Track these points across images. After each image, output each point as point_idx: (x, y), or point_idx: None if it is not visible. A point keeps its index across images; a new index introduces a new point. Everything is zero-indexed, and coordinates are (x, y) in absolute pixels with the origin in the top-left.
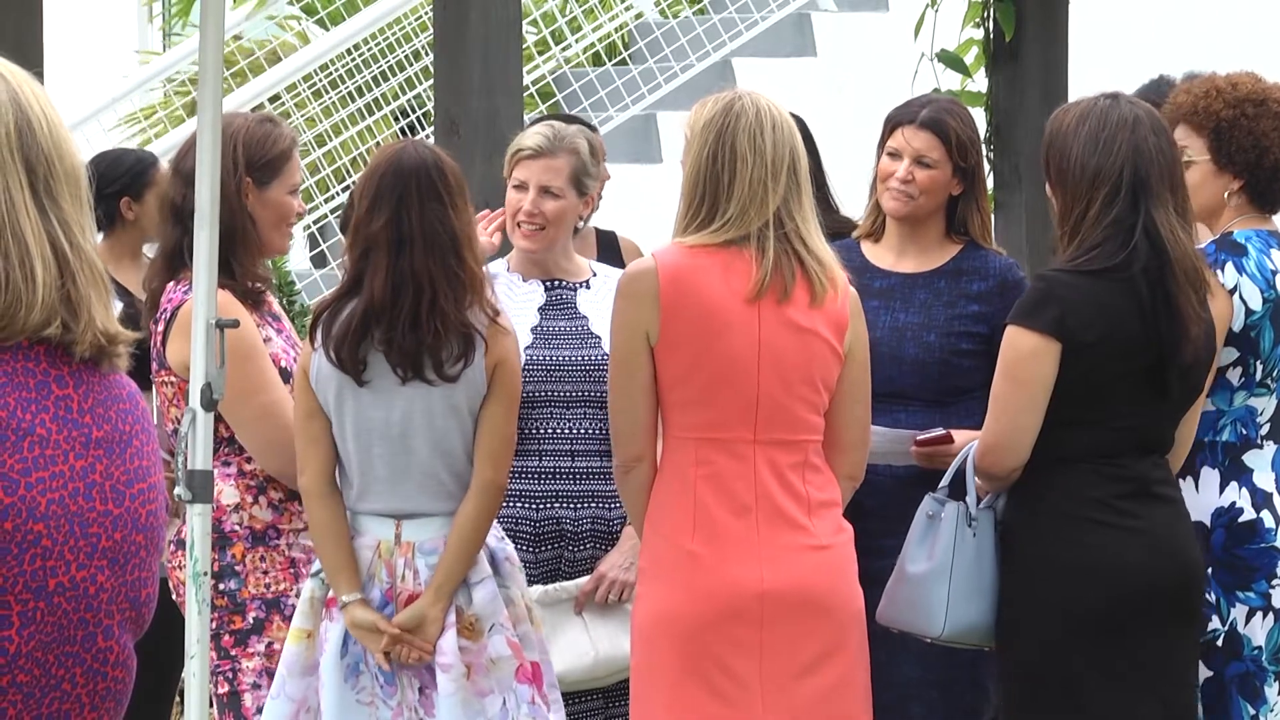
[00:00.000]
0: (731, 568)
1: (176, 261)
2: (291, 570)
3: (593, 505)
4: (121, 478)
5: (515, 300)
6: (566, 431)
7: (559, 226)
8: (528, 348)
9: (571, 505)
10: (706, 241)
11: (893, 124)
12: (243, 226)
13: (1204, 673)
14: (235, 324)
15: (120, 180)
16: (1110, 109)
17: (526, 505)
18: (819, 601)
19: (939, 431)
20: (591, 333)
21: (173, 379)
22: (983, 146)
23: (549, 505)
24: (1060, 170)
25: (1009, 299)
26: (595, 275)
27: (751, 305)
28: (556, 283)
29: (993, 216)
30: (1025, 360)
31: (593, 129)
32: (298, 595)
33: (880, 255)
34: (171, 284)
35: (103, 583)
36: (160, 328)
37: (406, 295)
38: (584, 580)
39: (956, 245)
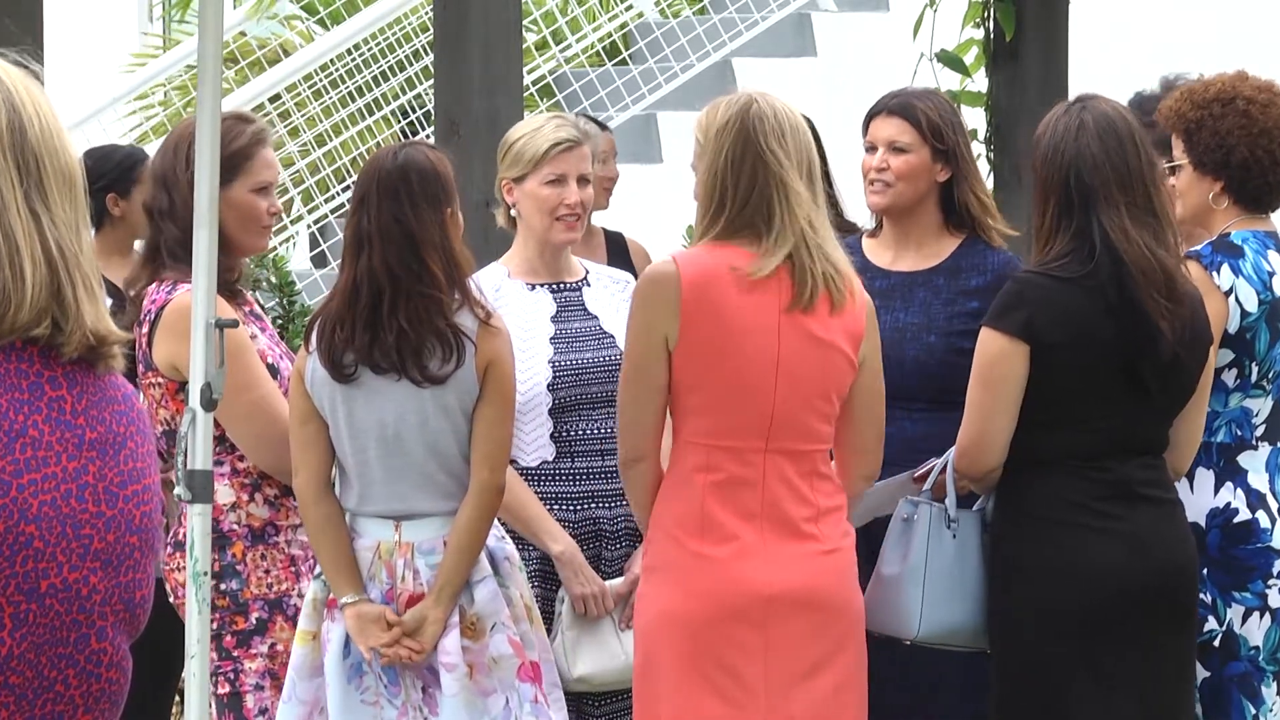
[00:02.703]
0: (737, 570)
1: (156, 261)
2: (293, 568)
3: (626, 503)
4: (115, 479)
5: (526, 310)
6: (595, 432)
7: (588, 211)
8: (552, 356)
9: (607, 505)
10: (731, 245)
11: (866, 120)
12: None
13: (1202, 673)
14: (235, 324)
15: (107, 176)
16: (1061, 118)
17: (564, 507)
18: (823, 603)
19: (934, 462)
20: (605, 332)
21: (159, 380)
22: (963, 128)
23: (586, 506)
24: (1033, 180)
25: None
26: (589, 272)
27: (772, 316)
28: (562, 285)
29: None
30: (995, 362)
31: (603, 126)
32: (300, 595)
33: (879, 253)
34: (154, 285)
35: (95, 584)
36: (145, 329)
37: (364, 296)
38: (618, 581)
39: (956, 239)
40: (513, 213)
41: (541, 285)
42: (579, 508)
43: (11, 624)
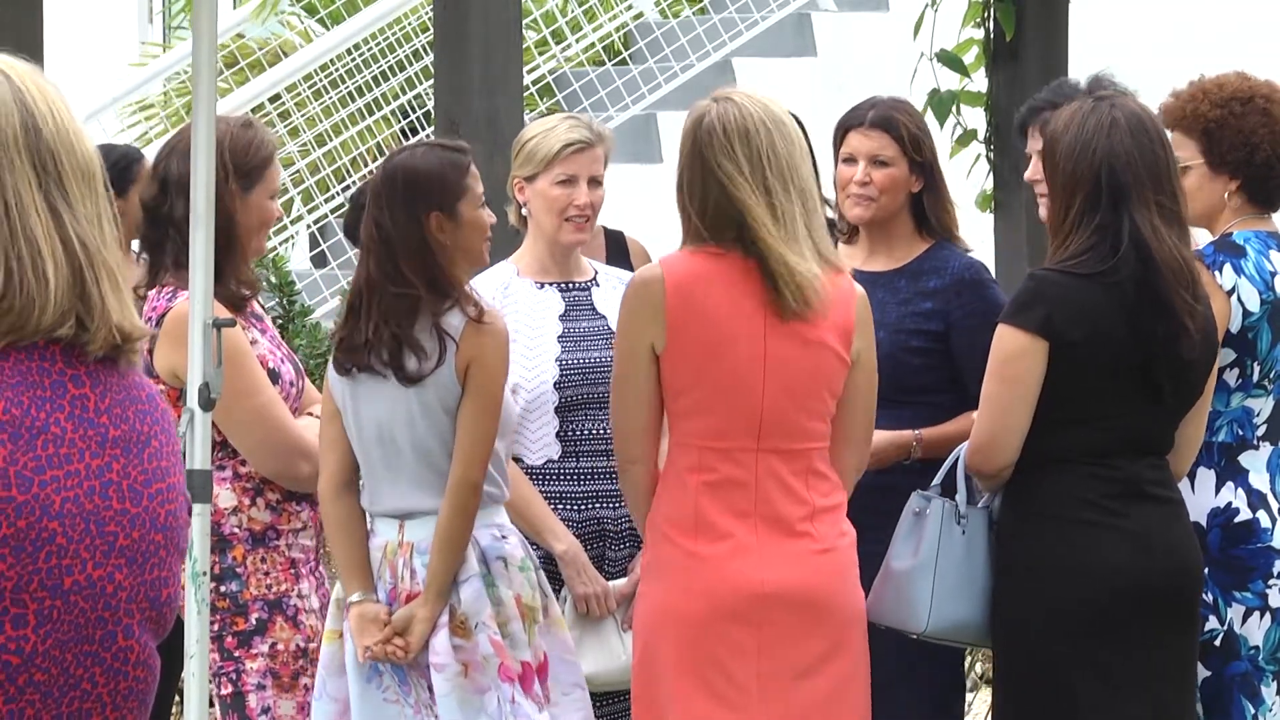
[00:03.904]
0: (731, 568)
1: (158, 264)
2: (292, 571)
3: None
4: (139, 477)
5: (534, 308)
6: (601, 432)
7: (598, 213)
8: (559, 354)
9: (611, 505)
10: (709, 249)
11: (843, 130)
12: (236, 234)
13: (1202, 672)
14: (232, 323)
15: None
16: (1090, 114)
17: (568, 507)
18: (817, 603)
19: None
20: (612, 332)
21: (161, 387)
22: (932, 140)
23: (590, 506)
24: (1050, 175)
25: (966, 298)
26: (598, 273)
27: (758, 317)
28: (571, 284)
29: (992, 215)
30: (1013, 359)
31: None
32: (299, 596)
33: (851, 256)
34: (154, 291)
35: (120, 581)
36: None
37: (362, 300)
38: (622, 582)
39: (925, 244)
40: (524, 212)
41: (550, 284)
42: (583, 507)
43: (36, 620)
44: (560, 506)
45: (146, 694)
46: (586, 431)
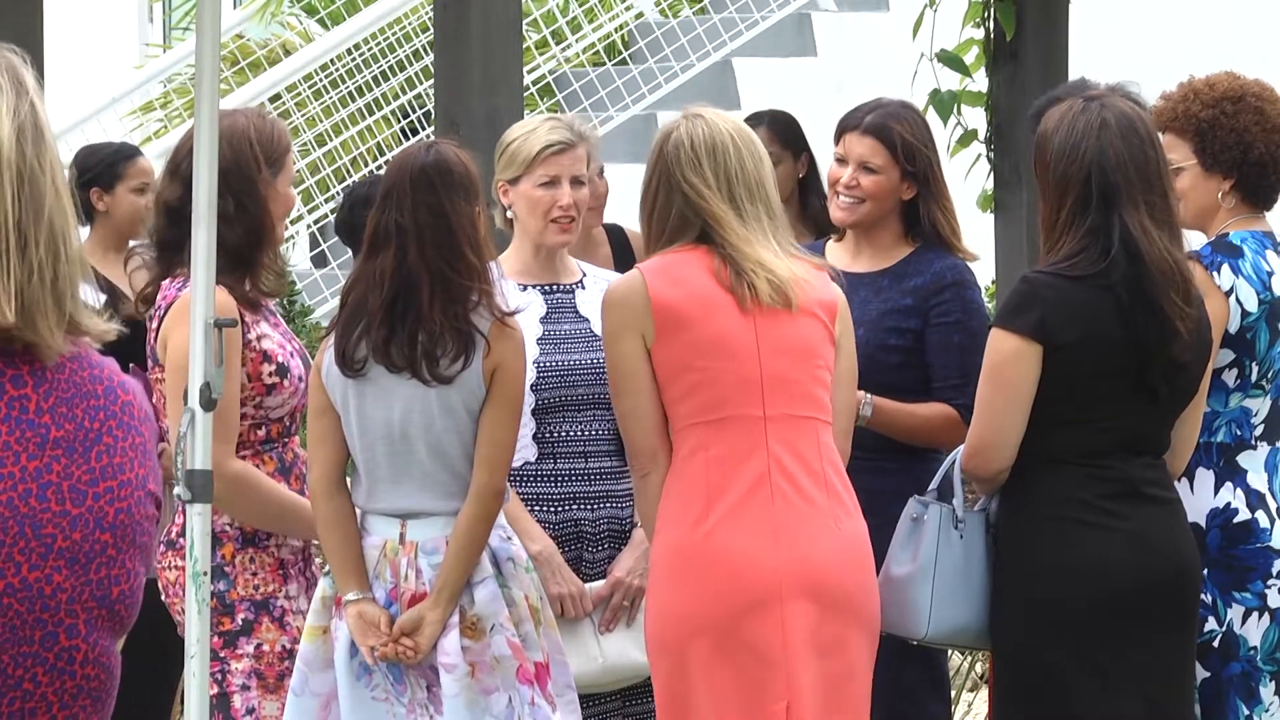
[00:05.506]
0: (748, 549)
1: (174, 258)
2: (280, 571)
3: (608, 505)
4: (84, 477)
5: None
6: (579, 434)
7: (582, 213)
8: (537, 357)
9: (588, 507)
10: (679, 249)
11: (840, 130)
12: (271, 223)
13: (1201, 673)
14: (234, 323)
15: (92, 171)
16: (1081, 114)
17: (545, 509)
18: (830, 589)
19: None
20: (595, 334)
21: (162, 375)
22: (934, 144)
23: (566, 508)
24: (1041, 175)
25: (944, 296)
26: (585, 275)
27: (741, 295)
28: (554, 287)
29: (992, 215)
30: (1007, 362)
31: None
32: (286, 597)
33: (838, 256)
34: (167, 280)
35: (60, 583)
36: (155, 324)
37: (392, 290)
38: (600, 584)
39: (911, 247)
40: (509, 214)
41: (533, 286)
42: (560, 509)
43: None
44: (537, 509)
45: (100, 692)
46: (564, 434)
